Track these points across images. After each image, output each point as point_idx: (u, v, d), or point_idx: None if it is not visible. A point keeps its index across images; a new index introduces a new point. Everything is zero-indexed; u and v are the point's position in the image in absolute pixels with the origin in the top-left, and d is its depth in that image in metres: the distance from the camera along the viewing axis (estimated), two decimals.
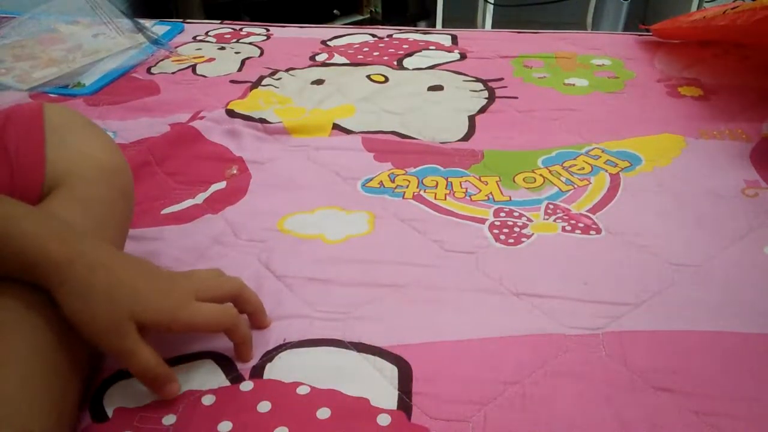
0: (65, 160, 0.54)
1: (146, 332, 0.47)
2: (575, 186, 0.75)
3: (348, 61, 1.12)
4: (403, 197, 0.73)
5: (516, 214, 0.70)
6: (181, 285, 0.50)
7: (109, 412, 0.47)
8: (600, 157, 0.81)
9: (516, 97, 0.98)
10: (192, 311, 0.48)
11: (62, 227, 0.47)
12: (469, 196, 0.73)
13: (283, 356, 0.52)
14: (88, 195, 0.54)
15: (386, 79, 1.04)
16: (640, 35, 1.23)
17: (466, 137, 0.87)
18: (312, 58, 1.14)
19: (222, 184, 0.76)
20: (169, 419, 0.47)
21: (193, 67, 1.10)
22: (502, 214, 0.70)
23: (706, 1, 1.98)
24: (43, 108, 0.57)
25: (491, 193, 0.74)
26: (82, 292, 0.44)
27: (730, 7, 0.98)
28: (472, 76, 1.05)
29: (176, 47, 1.19)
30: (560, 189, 0.74)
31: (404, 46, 1.18)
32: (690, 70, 1.06)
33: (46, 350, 0.44)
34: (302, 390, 0.49)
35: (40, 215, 0.48)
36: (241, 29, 1.29)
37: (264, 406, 0.47)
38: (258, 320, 0.54)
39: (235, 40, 1.23)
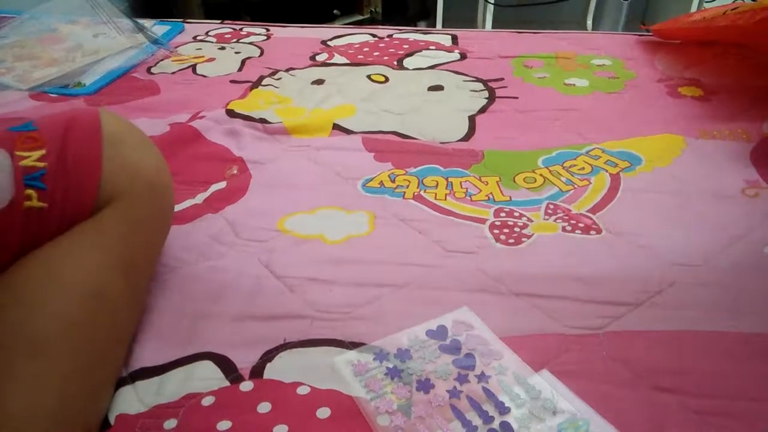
0: (119, 176, 0.54)
1: None
2: (575, 186, 0.75)
3: (348, 61, 1.12)
4: (404, 197, 0.73)
5: (516, 214, 0.70)
6: None
7: (111, 419, 0.47)
8: (600, 157, 0.81)
9: (516, 97, 0.98)
10: None
11: None
12: (470, 196, 0.73)
13: (283, 356, 0.52)
14: (136, 215, 0.55)
15: (386, 79, 1.04)
16: (640, 35, 1.23)
17: (466, 137, 0.87)
18: (312, 58, 1.14)
19: (222, 184, 0.76)
20: (170, 423, 0.47)
21: (193, 67, 1.10)
22: (503, 214, 0.70)
23: (707, 1, 1.98)
24: (100, 117, 0.56)
25: (491, 193, 0.74)
26: None
27: (730, 7, 0.98)
28: (472, 76, 1.05)
29: (176, 47, 1.19)
30: (560, 189, 0.74)
31: (404, 46, 1.18)
32: (690, 70, 1.06)
33: (83, 369, 0.45)
34: (302, 390, 0.49)
35: None
36: (241, 29, 1.29)
37: (264, 407, 0.47)
38: None
39: (235, 40, 1.23)
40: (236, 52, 1.17)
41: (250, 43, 1.21)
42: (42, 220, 0.49)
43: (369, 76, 1.05)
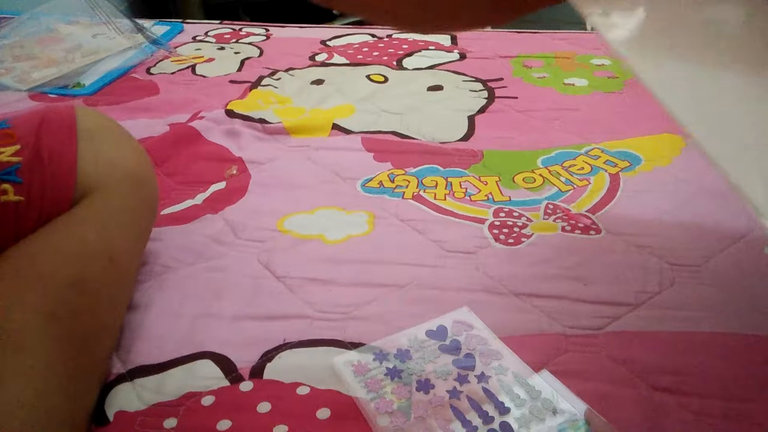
0: (96, 168, 0.55)
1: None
2: (575, 186, 0.75)
3: (347, 61, 1.12)
4: (403, 197, 0.73)
5: (516, 214, 0.70)
6: None
7: (110, 416, 0.47)
8: (600, 157, 0.81)
9: (516, 97, 0.98)
10: None
11: None
12: (469, 196, 0.73)
13: (283, 356, 0.52)
14: (115, 205, 0.55)
15: (386, 79, 1.04)
16: None
17: (465, 137, 0.87)
18: (312, 58, 1.14)
19: (222, 185, 0.76)
20: (170, 422, 0.47)
21: (193, 68, 1.10)
22: (502, 214, 0.70)
23: None
24: (76, 113, 0.57)
25: (491, 193, 0.74)
26: None
27: None
28: (471, 76, 1.05)
29: (176, 47, 1.18)
30: (560, 189, 0.74)
31: (404, 46, 1.18)
32: None
33: (66, 360, 0.44)
34: (302, 390, 0.49)
35: None
36: (240, 29, 1.29)
37: (264, 407, 0.47)
38: None
39: (234, 40, 1.23)
40: (236, 53, 1.17)
41: (250, 44, 1.21)
42: (20, 214, 0.49)
43: (368, 76, 1.05)
